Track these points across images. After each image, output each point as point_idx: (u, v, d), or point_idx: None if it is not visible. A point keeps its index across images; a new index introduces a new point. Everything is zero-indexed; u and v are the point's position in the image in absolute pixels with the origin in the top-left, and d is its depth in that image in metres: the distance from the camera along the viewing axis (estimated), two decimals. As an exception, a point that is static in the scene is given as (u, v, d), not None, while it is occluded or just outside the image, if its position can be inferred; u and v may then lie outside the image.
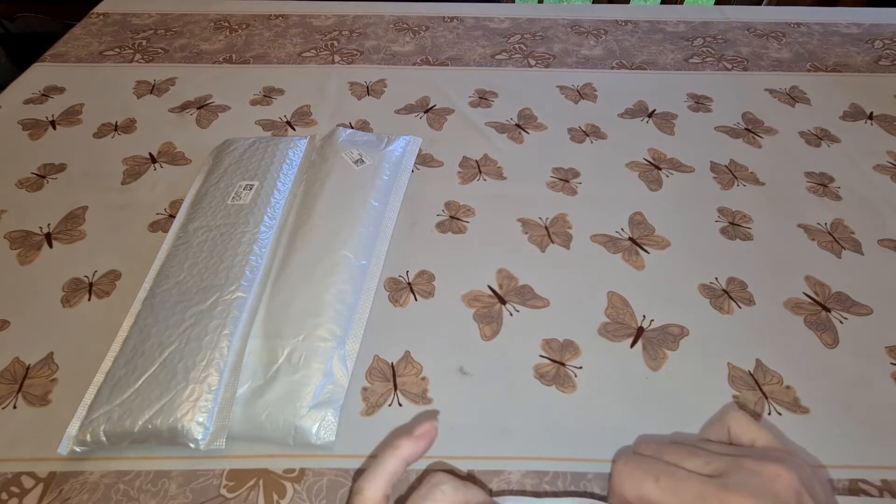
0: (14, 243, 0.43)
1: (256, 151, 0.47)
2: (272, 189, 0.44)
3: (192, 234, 0.40)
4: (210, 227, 0.40)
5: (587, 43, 0.71)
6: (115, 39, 0.69)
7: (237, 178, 0.44)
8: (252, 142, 0.48)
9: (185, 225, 0.42)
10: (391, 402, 0.34)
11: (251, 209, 0.42)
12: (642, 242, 0.44)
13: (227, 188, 0.44)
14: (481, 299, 0.40)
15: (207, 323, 0.34)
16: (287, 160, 0.46)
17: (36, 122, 0.56)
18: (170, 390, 0.31)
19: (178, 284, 0.37)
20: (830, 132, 0.56)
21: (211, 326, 0.34)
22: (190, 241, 0.40)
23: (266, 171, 0.45)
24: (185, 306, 0.35)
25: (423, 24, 0.74)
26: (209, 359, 0.33)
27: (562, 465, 0.32)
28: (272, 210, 0.42)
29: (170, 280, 0.37)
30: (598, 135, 0.55)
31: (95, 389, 0.33)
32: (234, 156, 0.47)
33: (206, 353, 0.33)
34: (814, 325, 0.39)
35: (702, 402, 0.35)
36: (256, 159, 0.46)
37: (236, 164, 0.46)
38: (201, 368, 0.32)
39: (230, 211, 0.42)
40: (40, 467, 0.31)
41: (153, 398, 0.31)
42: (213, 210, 0.42)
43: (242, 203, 0.42)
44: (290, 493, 0.30)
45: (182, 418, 0.30)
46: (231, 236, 0.40)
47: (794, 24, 0.75)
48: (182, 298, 0.36)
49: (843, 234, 0.45)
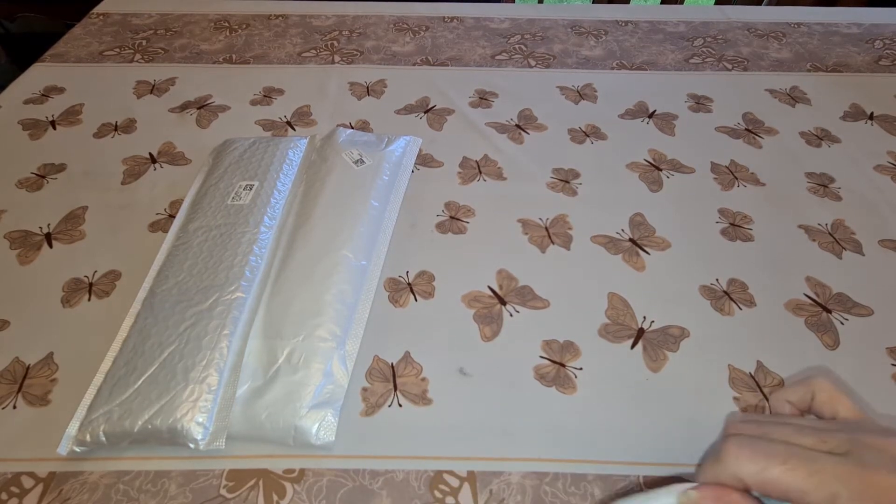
0: (14, 243, 0.43)
1: (256, 152, 0.47)
2: (272, 189, 0.43)
3: (192, 234, 0.40)
4: (210, 227, 0.40)
5: (587, 43, 0.71)
6: (115, 39, 0.69)
7: (237, 178, 0.44)
8: (252, 142, 0.48)
9: (185, 225, 0.42)
10: (391, 403, 0.34)
11: (251, 209, 0.42)
12: (643, 243, 0.44)
13: (228, 188, 0.43)
14: (481, 300, 0.40)
15: (207, 323, 0.34)
16: (287, 160, 0.46)
17: (36, 122, 0.56)
18: (169, 390, 0.31)
19: (177, 284, 0.37)
20: (831, 132, 0.56)
21: (211, 326, 0.34)
22: (190, 241, 0.40)
23: (266, 171, 0.45)
24: (185, 306, 0.35)
25: (423, 25, 0.74)
26: (209, 359, 0.33)
27: (562, 466, 0.32)
28: (272, 210, 0.42)
29: (169, 280, 0.37)
30: (599, 135, 0.55)
31: (95, 389, 0.33)
32: (234, 156, 0.47)
33: (206, 353, 0.33)
34: (815, 327, 0.39)
35: (702, 404, 0.35)
36: (256, 159, 0.46)
37: (236, 164, 0.46)
38: (201, 368, 0.32)
39: (230, 211, 0.42)
40: (40, 467, 0.31)
41: (153, 398, 0.31)
42: (213, 210, 0.42)
43: (242, 203, 0.42)
44: (289, 494, 0.30)
45: (182, 418, 0.30)
46: (231, 236, 0.40)
47: (794, 24, 0.75)
48: (182, 298, 0.36)
49: (843, 234, 0.45)
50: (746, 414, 0.34)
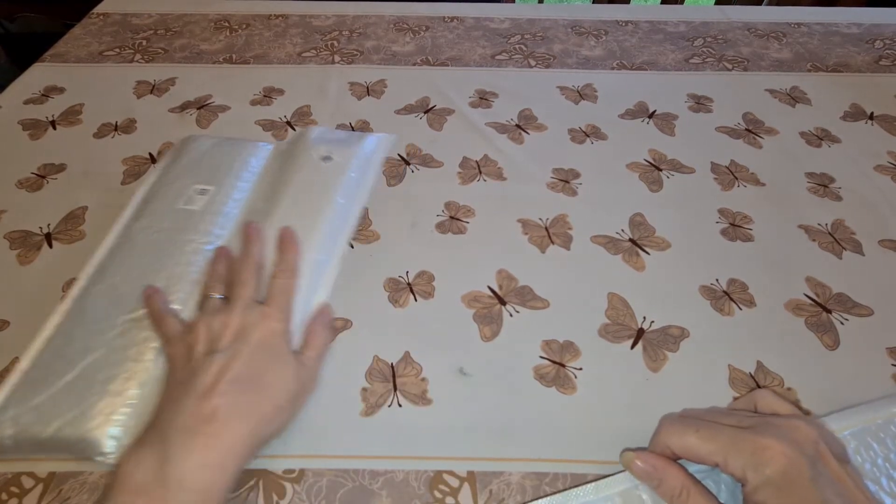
0: (14, 243, 0.43)
1: (217, 154, 0.45)
2: (227, 197, 0.41)
3: (137, 234, 0.39)
4: (155, 230, 0.38)
5: (587, 43, 0.71)
6: (115, 39, 0.69)
7: (193, 180, 0.42)
8: (215, 142, 0.46)
9: (132, 222, 0.40)
10: (391, 403, 0.34)
11: (201, 217, 0.40)
12: (643, 243, 0.44)
13: (181, 190, 0.41)
14: (481, 300, 0.40)
15: (137, 334, 0.33)
16: (248, 167, 0.44)
17: (36, 122, 0.56)
18: (84, 400, 0.30)
19: (113, 287, 0.35)
20: (831, 132, 0.56)
21: (140, 338, 0.33)
22: (133, 241, 0.38)
23: (224, 176, 0.43)
24: (117, 312, 0.34)
25: (423, 25, 0.74)
26: (132, 371, 0.32)
27: (562, 466, 0.32)
28: (223, 220, 0.40)
29: (105, 281, 0.36)
30: (599, 135, 0.55)
31: (10, 388, 0.31)
32: (194, 155, 0.44)
33: (130, 365, 0.32)
34: (815, 327, 0.39)
35: (702, 404, 0.34)
36: (216, 162, 0.44)
37: (195, 165, 0.43)
38: (121, 381, 0.31)
39: (179, 216, 0.40)
40: (40, 467, 0.31)
41: (65, 407, 0.30)
42: (162, 212, 0.40)
43: (193, 209, 0.40)
44: (289, 494, 0.30)
45: (94, 430, 0.30)
46: (175, 243, 0.38)
47: (794, 24, 0.75)
48: (115, 303, 0.34)
49: (843, 234, 0.45)
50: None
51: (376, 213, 0.46)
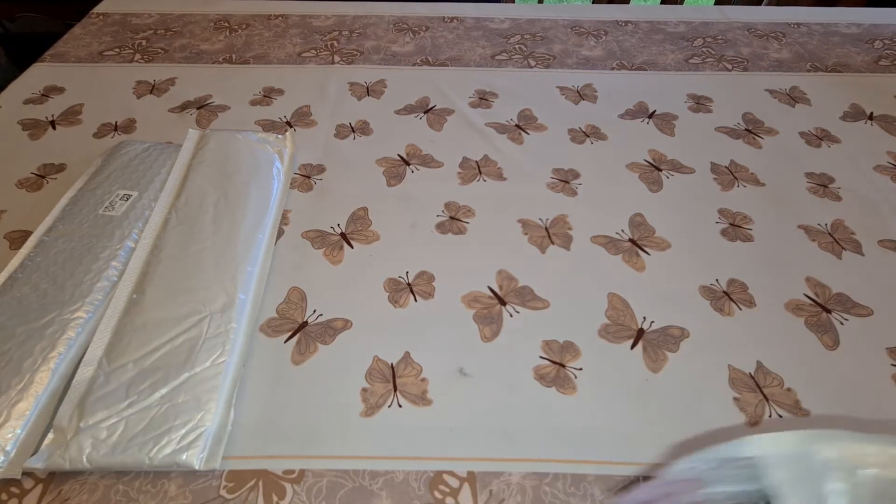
0: (14, 243, 0.43)
1: (146, 159, 0.44)
2: (151, 202, 0.41)
3: (52, 241, 0.38)
4: (72, 237, 0.38)
5: (587, 43, 0.71)
6: (115, 39, 0.69)
7: (117, 185, 0.42)
8: (146, 147, 0.45)
9: (49, 230, 0.39)
10: (391, 403, 0.34)
11: (120, 222, 0.39)
12: (643, 244, 0.44)
13: (104, 195, 0.41)
14: (481, 300, 0.40)
15: (35, 344, 0.32)
16: (176, 172, 0.44)
17: (36, 122, 0.56)
18: None
19: (18, 299, 0.34)
20: (831, 132, 0.56)
21: (37, 348, 0.32)
22: (48, 248, 0.38)
23: (150, 181, 0.42)
24: (19, 321, 0.33)
25: (423, 25, 0.74)
26: (25, 383, 0.31)
27: (562, 466, 0.32)
28: (144, 225, 0.39)
29: (12, 291, 0.35)
30: (599, 136, 0.55)
31: None
32: (123, 160, 0.44)
33: (25, 376, 0.31)
34: (814, 327, 0.39)
35: (702, 404, 0.35)
36: (144, 167, 0.43)
37: (121, 171, 0.43)
38: (14, 393, 0.31)
39: (98, 221, 0.39)
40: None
41: None
42: (82, 218, 0.39)
43: (114, 214, 0.40)
44: (289, 495, 0.30)
45: None
46: (91, 250, 0.37)
47: (794, 24, 0.75)
48: (18, 313, 0.34)
49: (843, 234, 0.45)
50: None
51: (376, 213, 0.46)
